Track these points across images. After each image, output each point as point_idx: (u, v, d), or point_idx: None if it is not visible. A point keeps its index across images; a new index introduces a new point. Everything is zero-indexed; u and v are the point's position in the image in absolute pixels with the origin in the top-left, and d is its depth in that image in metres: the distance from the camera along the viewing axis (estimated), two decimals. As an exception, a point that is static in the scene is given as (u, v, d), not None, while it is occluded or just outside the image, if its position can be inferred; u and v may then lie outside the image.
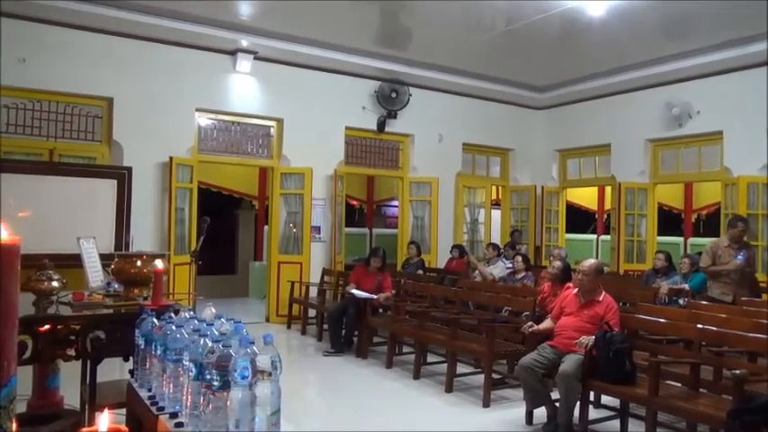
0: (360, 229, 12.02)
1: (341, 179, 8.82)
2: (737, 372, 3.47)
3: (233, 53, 8.01)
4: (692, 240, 10.31)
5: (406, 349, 6.40)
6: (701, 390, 3.93)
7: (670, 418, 4.13)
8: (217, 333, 1.79)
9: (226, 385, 1.55)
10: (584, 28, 7.10)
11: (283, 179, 8.49)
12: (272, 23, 7.56)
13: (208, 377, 1.59)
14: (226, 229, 11.31)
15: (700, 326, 4.21)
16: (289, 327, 7.92)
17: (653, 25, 7.16)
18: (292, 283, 7.98)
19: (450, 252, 8.93)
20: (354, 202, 12.50)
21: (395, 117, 9.25)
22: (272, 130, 8.61)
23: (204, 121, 8.13)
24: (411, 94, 9.29)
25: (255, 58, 8.12)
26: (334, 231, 8.67)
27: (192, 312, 2.32)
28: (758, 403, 3.28)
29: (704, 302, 5.59)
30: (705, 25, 7.11)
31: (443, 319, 5.89)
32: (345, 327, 6.57)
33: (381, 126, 9.20)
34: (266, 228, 9.66)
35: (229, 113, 8.22)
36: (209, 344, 1.67)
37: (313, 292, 8.00)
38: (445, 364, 5.42)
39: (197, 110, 7.92)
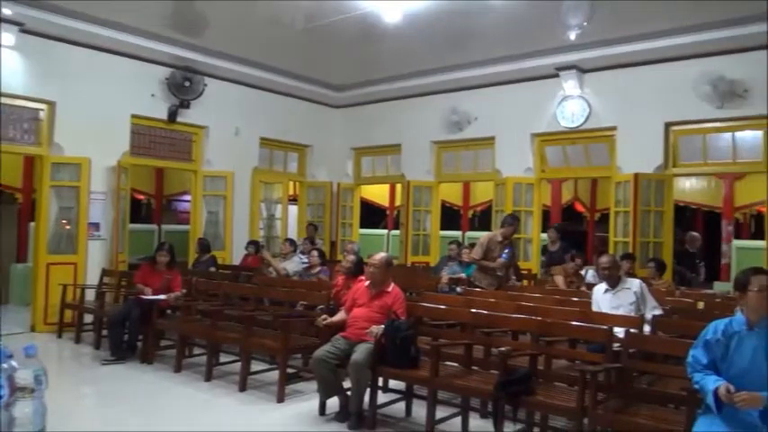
0: (147, 226, 11.21)
1: (125, 171, 8.11)
2: (503, 349, 3.94)
3: (-10, 22, 6.90)
4: (468, 234, 11.46)
5: (196, 351, 6.12)
6: (474, 367, 4.38)
7: (449, 395, 4.54)
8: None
9: (-28, 408, 1.32)
10: (380, 32, 7.46)
11: (55, 170, 7.53)
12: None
13: (-53, 400, 1.35)
14: (-21, 226, 9.71)
15: (473, 310, 4.70)
16: (60, 336, 7.07)
17: (441, 36, 7.78)
18: (64, 286, 7.13)
19: (246, 248, 8.77)
20: (141, 197, 11.63)
21: (188, 107, 8.77)
22: (42, 114, 7.58)
23: (-51, 98, 6.88)
24: (206, 84, 8.88)
25: (21, 31, 7.09)
26: (117, 228, 7.95)
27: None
28: (518, 375, 3.77)
29: (478, 289, 6.27)
30: (484, 41, 7.93)
31: (237, 317, 5.74)
32: (128, 331, 6.07)
33: (173, 116, 8.65)
34: (32, 225, 8.51)
35: (-15, 91, 7.06)
36: (-51, 361, 1.41)
37: (90, 295, 7.24)
38: (239, 363, 5.31)
39: (-61, 84, 6.68)
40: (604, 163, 8.40)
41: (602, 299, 4.87)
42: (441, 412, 4.25)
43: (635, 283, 4.84)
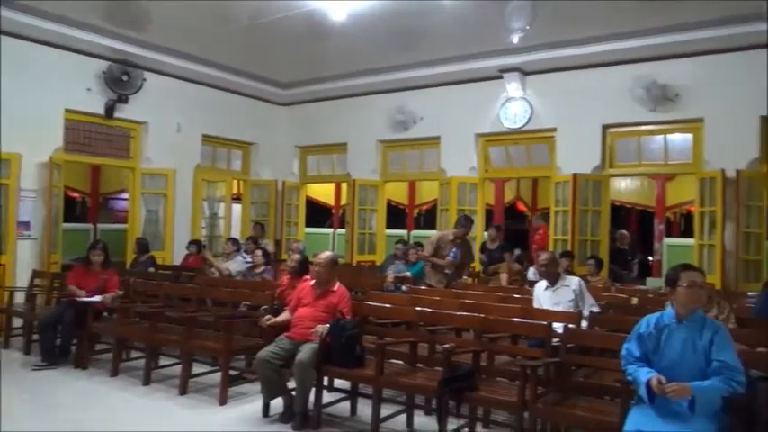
0: (81, 225, 10.77)
1: (58, 168, 7.75)
2: (447, 346, 3.98)
3: None
4: (414, 233, 11.52)
5: (134, 354, 5.92)
6: (418, 365, 4.41)
7: (394, 393, 4.54)
8: None
9: None
10: (326, 30, 7.40)
11: (-20, 166, 7.15)
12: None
13: None
14: None
15: (418, 308, 4.74)
16: (-13, 341, 6.70)
17: (386, 36, 7.78)
18: (-8, 288, 6.77)
19: (188, 248, 8.53)
20: (75, 195, 11.16)
21: (126, 102, 8.46)
22: (-35, 107, 7.18)
23: None
24: (145, 79, 8.60)
25: (-60, 17, 6.69)
26: (48, 227, 7.58)
27: None
28: (462, 372, 3.81)
29: (423, 287, 6.33)
30: (429, 41, 7.98)
31: (178, 319, 5.58)
32: (61, 335, 5.80)
33: (110, 111, 8.34)
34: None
35: None
36: None
37: (19, 297, 6.87)
38: (180, 366, 5.16)
39: None
40: (545, 163, 8.62)
41: (543, 295, 5.00)
42: (386, 410, 4.25)
43: (574, 281, 4.98)
